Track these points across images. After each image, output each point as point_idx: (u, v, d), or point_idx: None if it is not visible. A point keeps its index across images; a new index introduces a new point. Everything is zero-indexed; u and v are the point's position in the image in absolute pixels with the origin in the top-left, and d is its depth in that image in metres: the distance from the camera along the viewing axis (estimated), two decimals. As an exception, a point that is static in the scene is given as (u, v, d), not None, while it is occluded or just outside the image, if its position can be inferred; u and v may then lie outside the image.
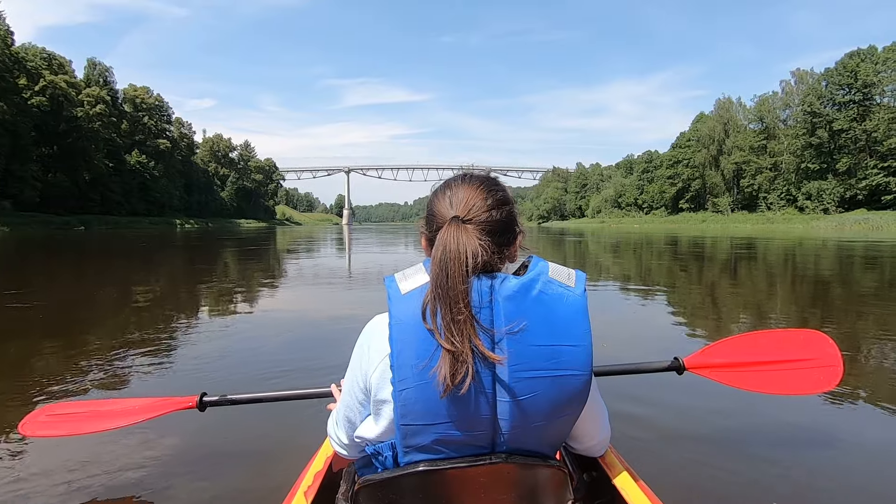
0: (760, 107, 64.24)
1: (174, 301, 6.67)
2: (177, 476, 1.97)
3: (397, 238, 29.78)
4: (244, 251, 17.56)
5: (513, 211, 0.93)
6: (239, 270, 11.14)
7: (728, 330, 4.68)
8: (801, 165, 55.89)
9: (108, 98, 57.78)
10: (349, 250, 18.81)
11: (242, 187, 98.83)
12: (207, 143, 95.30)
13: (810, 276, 9.66)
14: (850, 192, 50.53)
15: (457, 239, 0.84)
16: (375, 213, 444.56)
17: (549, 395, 0.85)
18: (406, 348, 0.84)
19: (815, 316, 5.45)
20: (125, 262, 13.05)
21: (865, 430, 2.37)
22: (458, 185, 0.93)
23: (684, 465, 2.00)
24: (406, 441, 0.87)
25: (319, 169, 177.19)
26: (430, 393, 0.82)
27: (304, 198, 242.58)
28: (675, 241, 23.45)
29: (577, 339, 0.86)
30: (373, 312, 0.95)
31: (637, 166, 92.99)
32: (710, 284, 8.29)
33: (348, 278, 9.67)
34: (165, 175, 68.23)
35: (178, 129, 78.25)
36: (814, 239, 24.31)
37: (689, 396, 2.69)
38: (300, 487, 1.11)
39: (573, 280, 0.89)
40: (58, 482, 1.89)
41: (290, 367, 3.36)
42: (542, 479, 0.92)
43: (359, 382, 0.94)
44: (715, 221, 62.58)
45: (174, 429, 2.27)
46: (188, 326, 4.93)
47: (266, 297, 6.97)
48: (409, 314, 0.84)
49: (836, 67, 52.24)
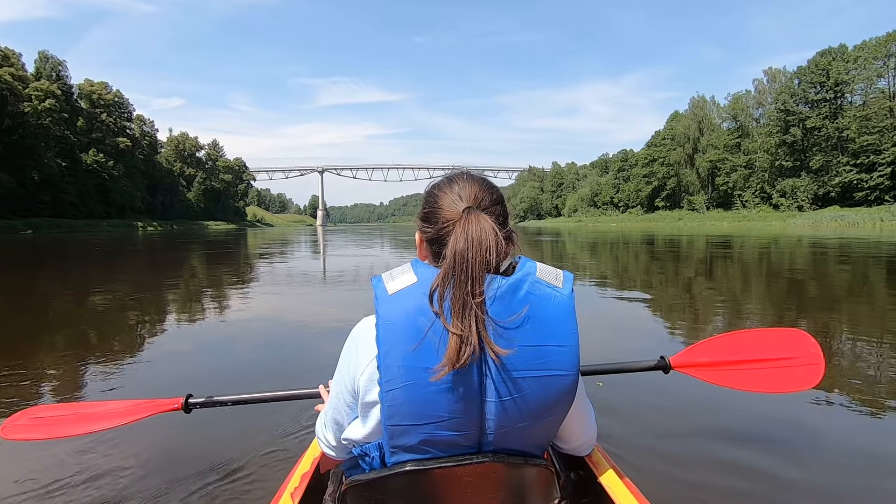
0: (734, 105, 64.67)
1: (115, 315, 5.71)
2: (162, 479, 1.94)
3: (372, 239, 28.50)
4: (209, 255, 16.08)
5: (506, 210, 0.95)
6: (203, 276, 10.10)
7: (710, 329, 4.67)
8: (775, 163, 56.30)
9: (60, 93, 53.93)
10: (323, 252, 18.31)
11: (210, 188, 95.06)
12: (172, 142, 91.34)
13: (795, 275, 9.26)
14: (823, 189, 50.97)
15: (479, 225, 0.85)
16: (351, 213, 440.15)
17: (535, 395, 0.85)
18: (393, 349, 0.83)
19: (797, 314, 5.41)
20: (66, 269, 11.41)
21: (847, 427, 2.39)
22: (464, 181, 0.94)
23: (670, 463, 2.00)
24: (393, 441, 0.87)
25: (292, 169, 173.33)
26: (417, 393, 0.82)
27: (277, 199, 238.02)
28: (654, 239, 23.08)
29: (565, 339, 0.86)
30: (348, 314, 1.05)
31: (613, 165, 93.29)
32: (692, 283, 8.14)
33: (322, 282, 9.15)
34: (126, 175, 64.66)
35: (139, 127, 74.48)
36: (791, 237, 24.30)
37: (675, 395, 2.71)
38: (287, 489, 1.11)
39: (560, 280, 0.89)
40: (37, 488, 1.88)
41: (265, 372, 3.28)
42: (528, 477, 0.93)
43: (346, 385, 0.94)
44: (691, 219, 62.76)
45: (158, 431, 2.21)
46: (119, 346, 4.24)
47: (228, 306, 6.30)
48: (397, 314, 0.84)
49: (809, 66, 52.66)
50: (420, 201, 0.99)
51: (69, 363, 3.59)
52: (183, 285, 8.46)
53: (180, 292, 7.39)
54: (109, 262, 13.66)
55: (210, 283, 8.92)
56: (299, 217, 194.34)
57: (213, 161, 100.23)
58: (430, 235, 0.92)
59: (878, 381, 3.06)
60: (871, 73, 47.83)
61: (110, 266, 12.62)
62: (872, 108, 46.42)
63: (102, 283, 8.76)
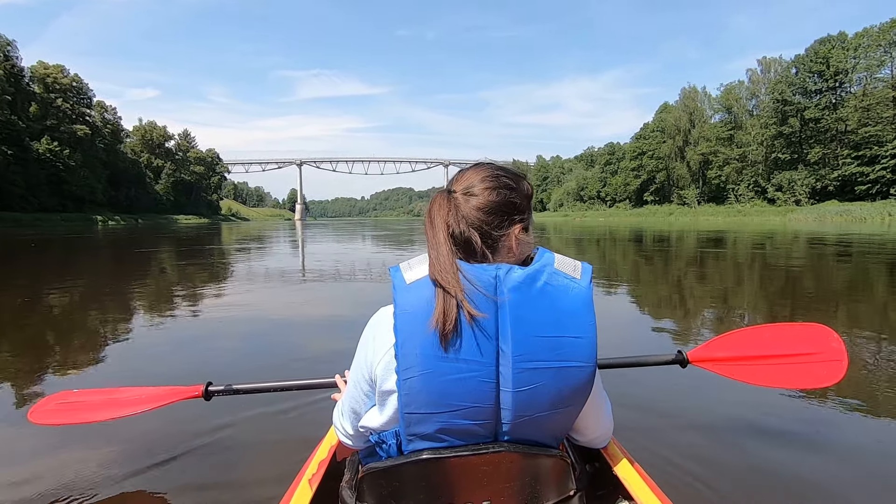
0: (727, 96, 62.88)
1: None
2: (181, 464, 1.96)
3: (353, 235, 25.33)
4: (175, 253, 13.71)
5: (513, 198, 0.92)
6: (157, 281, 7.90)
7: (723, 328, 4.29)
8: (770, 156, 54.60)
9: (3, 75, 49.18)
10: (302, 247, 17.03)
11: (180, 180, 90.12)
12: (139, 131, 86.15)
13: (823, 281, 7.78)
14: (822, 182, 49.35)
15: (433, 203, 0.90)
16: (331, 207, 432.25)
17: (552, 386, 0.86)
18: (411, 338, 0.83)
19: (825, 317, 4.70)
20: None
21: (867, 427, 2.31)
22: (469, 169, 0.97)
23: (686, 456, 1.98)
24: (410, 429, 0.87)
25: (269, 161, 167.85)
26: (434, 381, 0.83)
27: (255, 192, 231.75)
28: (653, 235, 21.32)
29: (582, 330, 0.86)
30: (328, 310, 0.98)
31: (599, 158, 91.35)
32: (703, 285, 7.36)
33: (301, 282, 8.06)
34: (85, 165, 59.84)
35: (100, 114, 69.41)
36: (797, 233, 22.38)
37: (693, 389, 2.66)
38: (304, 475, 1.12)
39: (579, 272, 0.89)
40: (61, 473, 1.88)
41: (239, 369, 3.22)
42: (544, 468, 0.93)
43: (364, 374, 0.95)
44: (683, 214, 60.91)
45: (178, 417, 2.18)
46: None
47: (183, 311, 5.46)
48: (414, 303, 0.84)
49: (807, 54, 50.84)
50: (401, 195, 0.99)
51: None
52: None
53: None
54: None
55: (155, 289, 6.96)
56: (277, 211, 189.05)
57: (184, 152, 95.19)
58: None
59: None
60: (874, 61, 46.28)
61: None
62: (875, 97, 44.88)
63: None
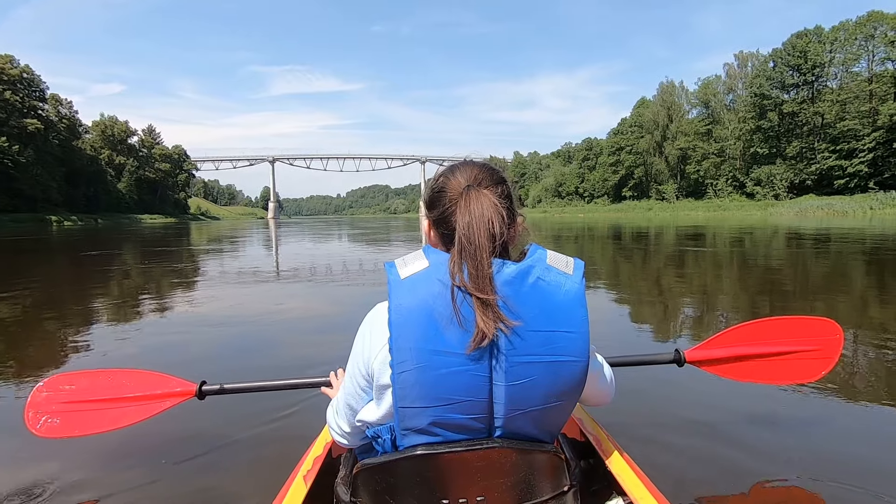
0: (704, 90, 62.76)
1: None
2: (174, 463, 1.94)
3: (329, 235, 23.34)
4: (134, 255, 11.07)
5: (510, 192, 0.96)
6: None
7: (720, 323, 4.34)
8: (749, 150, 54.55)
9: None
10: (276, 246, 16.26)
11: (144, 178, 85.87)
12: (98, 126, 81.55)
13: (824, 278, 7.49)
14: (800, 177, 49.46)
15: (479, 201, 0.89)
16: (307, 205, 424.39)
17: (544, 380, 0.87)
18: (405, 332, 0.85)
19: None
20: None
21: (866, 419, 2.32)
22: (464, 165, 0.98)
23: (680, 452, 1.98)
24: (404, 423, 0.88)
25: (241, 158, 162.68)
26: (427, 375, 0.84)
27: (226, 190, 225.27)
28: (630, 231, 20.70)
29: (574, 325, 0.87)
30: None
31: (577, 154, 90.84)
32: (707, 278, 7.22)
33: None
34: (38, 162, 56.01)
35: (54, 108, 65.23)
36: (780, 227, 21.88)
37: (688, 383, 2.64)
38: (299, 472, 1.12)
39: (571, 268, 0.90)
40: (48, 473, 1.84)
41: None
42: (539, 464, 0.93)
43: (361, 369, 0.96)
44: (662, 209, 60.52)
45: (170, 415, 2.03)
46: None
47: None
48: (409, 298, 0.86)
49: (785, 48, 50.78)
50: (378, 193, 1.00)
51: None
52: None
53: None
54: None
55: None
56: (249, 210, 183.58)
57: (149, 148, 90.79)
58: (436, 216, 0.95)
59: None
60: (850, 55, 46.42)
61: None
62: (853, 91, 44.98)
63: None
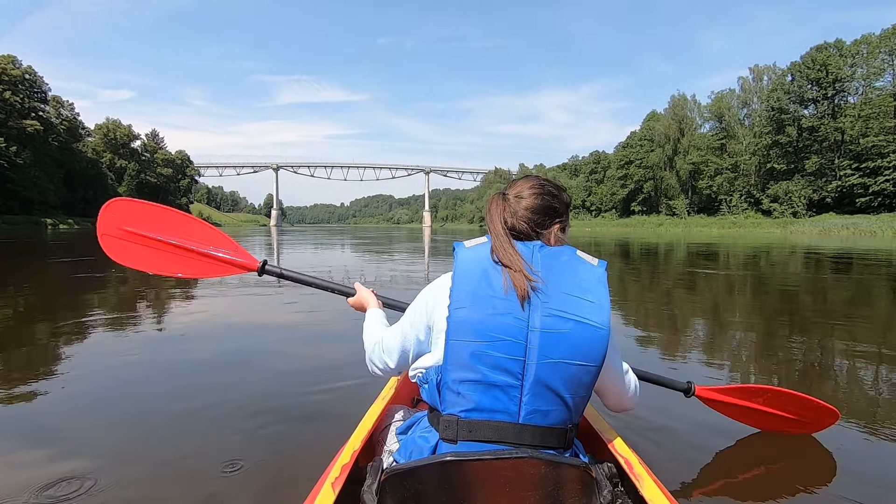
0: (717, 104, 61.29)
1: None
2: (221, 440, 2.05)
3: (332, 247, 21.59)
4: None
5: (553, 204, 1.21)
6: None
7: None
8: (765, 165, 52.82)
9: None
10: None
11: (145, 182, 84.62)
12: (101, 129, 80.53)
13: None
14: (819, 194, 47.67)
15: (492, 202, 1.24)
16: (310, 214, 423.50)
17: (571, 335, 1.02)
18: (464, 279, 1.07)
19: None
20: None
21: (877, 455, 2.17)
22: (520, 179, 1.28)
23: (714, 481, 1.90)
24: (451, 357, 1.04)
25: (245, 165, 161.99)
26: (477, 313, 1.03)
27: (229, 197, 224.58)
28: (649, 248, 18.02)
29: (597, 297, 1.06)
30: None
31: (584, 167, 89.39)
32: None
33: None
34: (36, 164, 54.75)
35: (55, 110, 64.20)
36: (809, 247, 19.83)
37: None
38: (327, 479, 1.14)
39: (596, 262, 1.13)
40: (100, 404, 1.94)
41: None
42: (567, 479, 0.93)
43: (423, 315, 1.18)
44: (673, 225, 58.75)
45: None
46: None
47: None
48: (469, 258, 1.11)
49: (804, 61, 49.17)
50: (381, 202, 1.26)
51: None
52: None
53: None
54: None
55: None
56: (252, 217, 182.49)
57: (152, 153, 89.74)
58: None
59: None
60: (873, 69, 44.87)
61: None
62: (877, 106, 43.37)
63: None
